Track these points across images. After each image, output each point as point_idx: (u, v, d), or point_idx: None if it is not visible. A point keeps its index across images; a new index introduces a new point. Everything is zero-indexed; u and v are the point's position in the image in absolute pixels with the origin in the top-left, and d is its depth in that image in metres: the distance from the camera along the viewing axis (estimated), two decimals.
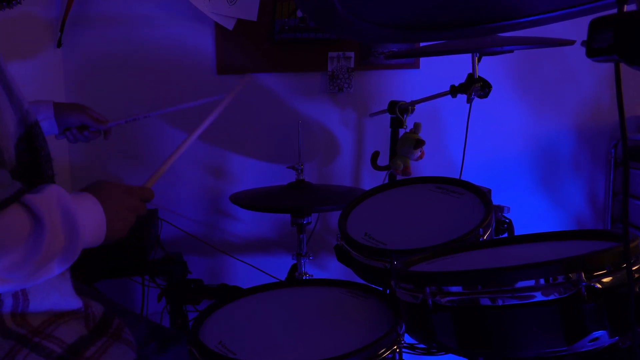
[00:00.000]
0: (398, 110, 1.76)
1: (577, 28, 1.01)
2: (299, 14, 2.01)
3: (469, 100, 1.56)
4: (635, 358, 0.69)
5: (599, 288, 0.74)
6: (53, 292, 0.86)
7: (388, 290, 1.25)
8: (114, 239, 0.86)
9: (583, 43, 0.53)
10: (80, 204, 0.81)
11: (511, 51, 1.53)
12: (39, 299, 0.84)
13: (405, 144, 1.71)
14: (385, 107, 1.81)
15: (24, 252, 0.71)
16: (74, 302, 0.89)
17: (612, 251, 0.78)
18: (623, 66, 0.53)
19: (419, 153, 1.71)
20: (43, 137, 0.89)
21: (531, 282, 0.76)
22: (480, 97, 1.55)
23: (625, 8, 0.53)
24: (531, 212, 2.24)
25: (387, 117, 1.83)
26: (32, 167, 0.85)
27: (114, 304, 1.07)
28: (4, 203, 0.70)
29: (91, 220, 0.82)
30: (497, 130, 2.20)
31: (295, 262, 1.81)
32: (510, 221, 1.52)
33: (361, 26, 0.67)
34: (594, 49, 0.51)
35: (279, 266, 2.04)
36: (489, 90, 1.54)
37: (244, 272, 2.15)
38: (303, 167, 1.77)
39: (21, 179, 0.78)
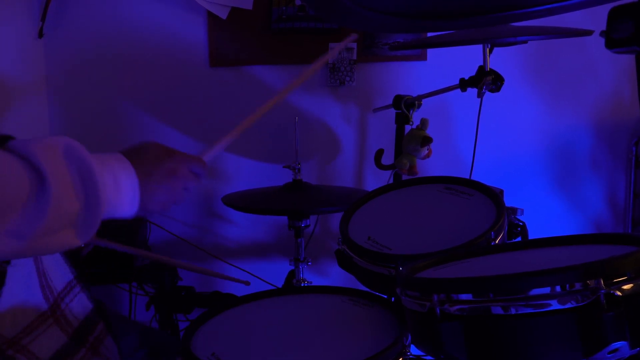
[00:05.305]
0: (404, 105, 1.76)
1: (595, 17, 1.01)
2: (298, 1, 2.01)
3: (480, 95, 1.56)
4: None
5: (619, 296, 0.74)
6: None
7: (393, 298, 1.25)
8: (150, 211, 0.73)
9: (602, 33, 0.53)
10: (101, 159, 0.68)
11: (525, 42, 1.53)
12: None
13: (411, 141, 1.71)
14: (390, 101, 1.81)
15: (22, 219, 0.58)
16: (43, 302, 0.87)
17: (633, 256, 0.78)
18: None
19: (426, 151, 1.71)
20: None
21: (546, 290, 0.76)
22: (492, 91, 1.56)
23: None
24: (546, 214, 2.24)
25: (392, 112, 1.83)
26: None
27: (105, 307, 1.07)
28: None
29: (115, 181, 0.67)
30: (510, 126, 2.20)
31: (293, 268, 1.81)
32: (524, 224, 1.52)
33: (364, 15, 0.67)
34: (614, 40, 0.51)
35: (275, 272, 2.04)
36: (501, 84, 1.55)
37: None
38: (300, 166, 1.77)
39: None
